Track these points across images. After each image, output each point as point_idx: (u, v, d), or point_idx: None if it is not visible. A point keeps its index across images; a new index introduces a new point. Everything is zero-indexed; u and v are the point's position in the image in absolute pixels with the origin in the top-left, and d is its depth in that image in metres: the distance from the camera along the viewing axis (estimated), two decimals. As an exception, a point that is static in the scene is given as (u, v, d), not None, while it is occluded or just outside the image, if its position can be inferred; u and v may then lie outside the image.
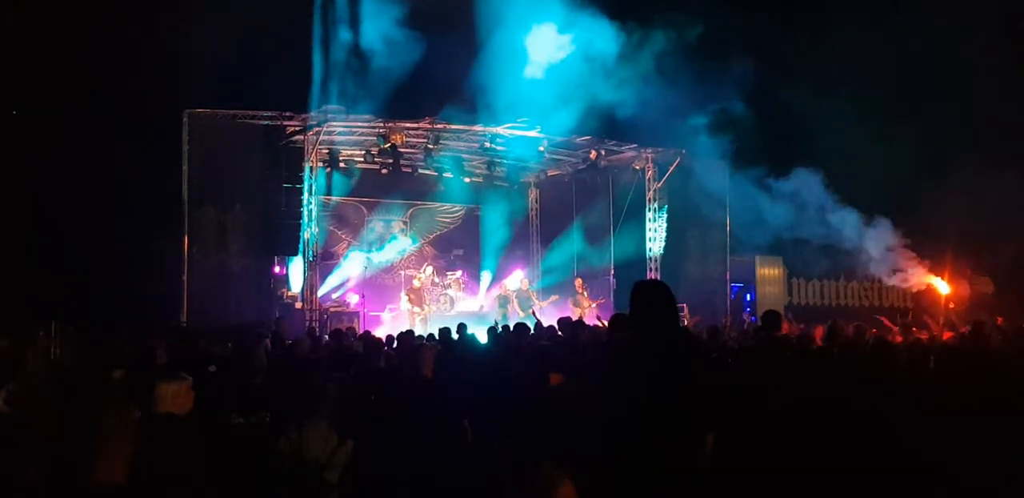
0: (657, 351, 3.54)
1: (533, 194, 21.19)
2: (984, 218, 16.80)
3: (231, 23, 14.36)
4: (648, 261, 17.67)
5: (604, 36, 15.26)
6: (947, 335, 9.98)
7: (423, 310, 16.40)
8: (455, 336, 9.53)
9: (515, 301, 17.23)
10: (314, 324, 14.29)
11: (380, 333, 12.20)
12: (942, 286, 17.63)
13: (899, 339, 9.67)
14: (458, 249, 20.35)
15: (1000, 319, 10.99)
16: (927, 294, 19.09)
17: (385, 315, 16.89)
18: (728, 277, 18.39)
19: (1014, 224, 16.65)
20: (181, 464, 3.35)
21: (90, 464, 2.05)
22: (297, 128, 15.02)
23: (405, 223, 19.84)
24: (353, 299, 16.81)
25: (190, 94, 14.51)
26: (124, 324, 10.39)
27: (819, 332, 9.01)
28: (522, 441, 4.48)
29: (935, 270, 18.05)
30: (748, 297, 19.91)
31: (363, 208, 19.17)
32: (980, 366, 6.16)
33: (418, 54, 14.60)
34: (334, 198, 18.23)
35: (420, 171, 18.68)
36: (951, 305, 16.83)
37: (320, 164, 15.84)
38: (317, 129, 14.85)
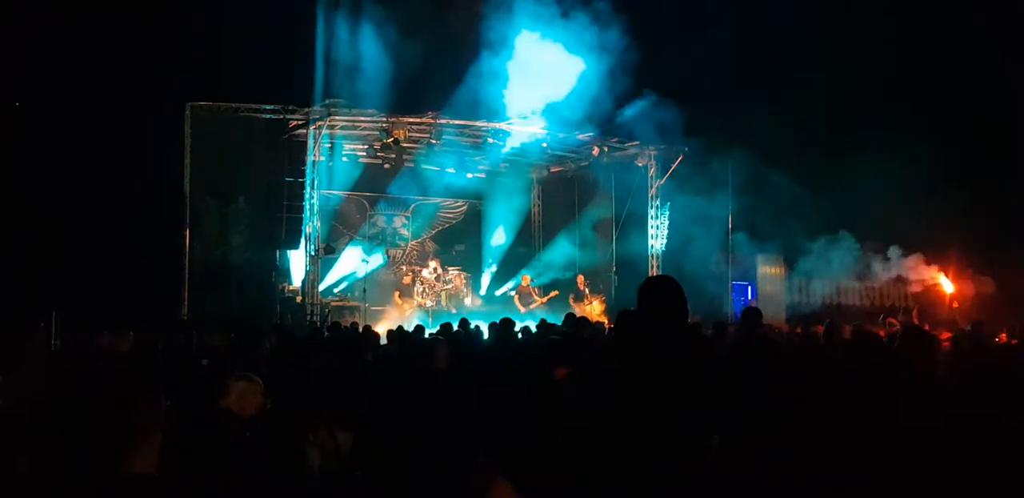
0: (666, 349, 3.50)
1: (536, 190, 21.16)
2: (987, 217, 16.77)
3: (234, 16, 14.34)
4: (650, 258, 17.65)
5: (609, 33, 15.23)
6: (945, 335, 9.92)
7: (411, 306, 16.40)
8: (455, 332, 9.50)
9: (517, 297, 17.23)
10: (315, 318, 14.27)
11: (381, 328, 12.16)
12: (947, 285, 17.60)
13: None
14: (460, 245, 20.30)
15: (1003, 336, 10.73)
16: (928, 293, 19.06)
17: (386, 309, 16.85)
18: (730, 275, 18.38)
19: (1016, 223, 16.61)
20: (230, 458, 3.36)
21: (122, 457, 2.04)
22: (300, 122, 14.99)
23: (407, 218, 19.81)
24: (355, 293, 16.78)
25: (192, 87, 14.49)
26: (125, 317, 10.36)
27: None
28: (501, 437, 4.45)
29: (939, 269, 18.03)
30: (750, 295, 19.86)
31: (365, 203, 19.13)
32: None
33: (422, 49, 14.57)
34: (336, 192, 18.18)
35: (423, 166, 18.64)
36: (955, 304, 16.80)
37: (322, 158, 15.79)
38: (320, 123, 14.80)
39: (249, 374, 4.09)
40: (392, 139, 15.46)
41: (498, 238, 20.45)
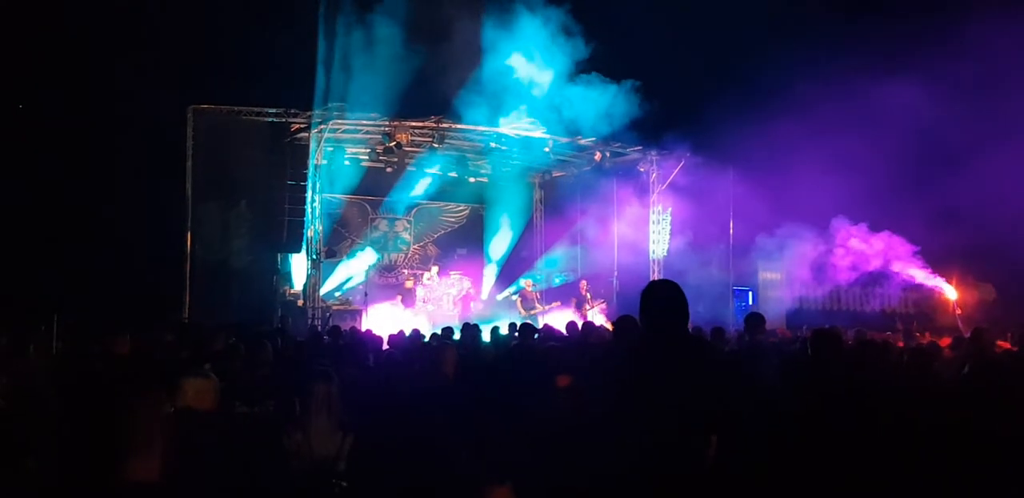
0: (664, 351, 3.51)
1: (538, 195, 21.17)
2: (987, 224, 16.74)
3: (238, 19, 14.37)
4: (651, 263, 17.65)
5: (611, 41, 15.28)
6: (946, 341, 9.93)
7: (413, 310, 16.40)
8: (456, 336, 9.48)
9: (519, 301, 17.24)
10: (317, 322, 14.27)
11: (382, 332, 12.16)
12: (950, 291, 17.58)
13: (900, 344, 9.61)
14: (462, 249, 20.32)
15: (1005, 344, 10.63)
16: (930, 299, 19.04)
17: (388, 313, 16.85)
18: (731, 280, 18.40)
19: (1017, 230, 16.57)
20: (198, 459, 3.36)
21: (125, 461, 2.03)
22: (302, 125, 14.99)
23: (409, 222, 19.83)
24: (357, 297, 16.79)
25: (195, 90, 14.51)
26: (126, 319, 10.36)
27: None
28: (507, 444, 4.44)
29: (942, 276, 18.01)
30: (750, 300, 19.86)
31: (367, 206, 19.15)
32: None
33: (425, 53, 14.60)
34: (338, 196, 18.20)
35: (425, 170, 18.66)
36: (958, 311, 16.77)
37: (324, 162, 15.80)
38: (322, 126, 14.82)
39: (203, 370, 4.12)
40: (394, 143, 15.46)
41: (500, 243, 20.45)
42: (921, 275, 18.13)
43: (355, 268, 18.00)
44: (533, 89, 15.37)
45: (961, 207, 16.82)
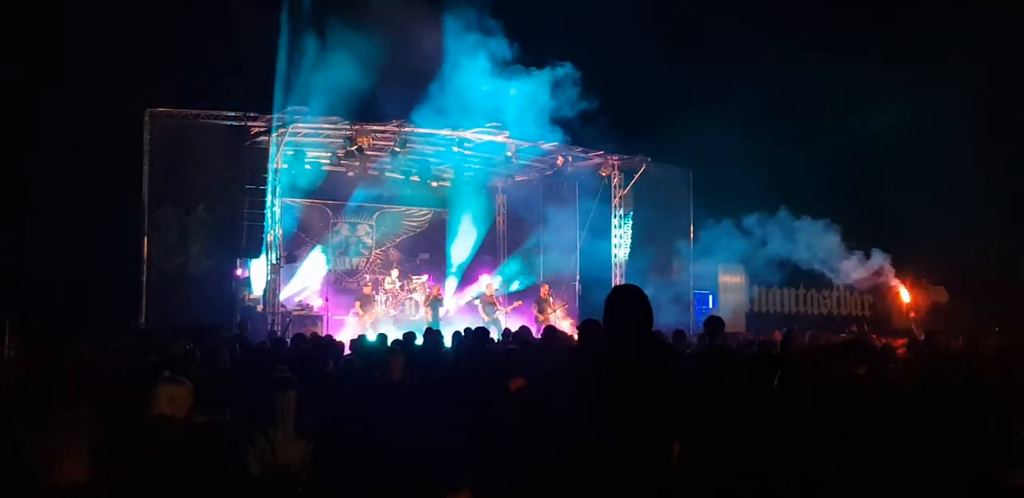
0: (628, 356, 3.53)
1: (500, 199, 21.18)
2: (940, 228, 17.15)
3: (196, 21, 14.20)
4: (613, 267, 17.76)
5: (573, 43, 15.36)
6: (900, 342, 10.14)
7: (372, 315, 16.29)
8: (419, 341, 9.44)
9: (480, 306, 17.23)
10: (276, 328, 14.11)
11: (343, 337, 12.08)
12: (904, 294, 17.96)
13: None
14: (424, 253, 20.24)
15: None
16: (884, 302, 19.44)
17: (349, 319, 16.75)
18: (691, 284, 18.59)
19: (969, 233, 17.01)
20: (171, 464, 3.31)
21: (52, 464, 2.00)
22: (262, 129, 14.82)
23: (371, 226, 19.71)
24: (317, 302, 16.62)
25: (153, 92, 14.28)
26: (81, 325, 10.16)
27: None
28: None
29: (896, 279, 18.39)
30: (710, 304, 20.09)
31: (328, 211, 19.00)
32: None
33: (386, 56, 14.54)
34: (299, 200, 18.03)
35: (387, 174, 18.55)
36: (912, 314, 17.15)
37: (285, 165, 15.64)
38: (282, 130, 14.66)
39: (177, 376, 4.08)
40: (356, 147, 15.35)
41: (462, 247, 20.41)
42: (864, 275, 18.48)
43: (314, 273, 17.83)
44: (495, 94, 15.38)
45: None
